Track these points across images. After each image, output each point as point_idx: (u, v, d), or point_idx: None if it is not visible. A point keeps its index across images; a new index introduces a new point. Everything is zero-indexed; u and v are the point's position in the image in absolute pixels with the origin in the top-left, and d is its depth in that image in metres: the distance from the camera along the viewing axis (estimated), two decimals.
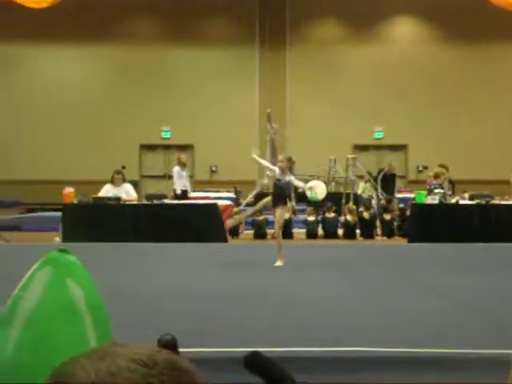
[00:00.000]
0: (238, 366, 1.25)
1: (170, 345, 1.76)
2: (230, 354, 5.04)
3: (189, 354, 3.04)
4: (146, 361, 1.15)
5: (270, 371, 1.53)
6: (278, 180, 10.77)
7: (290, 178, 10.72)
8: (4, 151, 26.24)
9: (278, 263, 10.73)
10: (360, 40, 27.32)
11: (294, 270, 10.43)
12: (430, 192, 15.64)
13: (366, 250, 13.84)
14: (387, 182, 19.82)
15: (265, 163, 11.61)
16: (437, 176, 16.40)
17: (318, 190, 18.07)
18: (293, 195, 18.41)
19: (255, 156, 11.11)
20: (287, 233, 17.01)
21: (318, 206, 18.00)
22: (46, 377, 3.04)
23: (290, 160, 10.92)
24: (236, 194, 22.34)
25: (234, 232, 17.10)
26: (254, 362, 1.52)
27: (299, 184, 10.82)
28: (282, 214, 11.01)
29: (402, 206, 17.99)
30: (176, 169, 18.71)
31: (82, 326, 3.02)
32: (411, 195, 19.28)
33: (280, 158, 11.07)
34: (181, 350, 1.83)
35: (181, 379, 1.16)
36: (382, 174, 19.93)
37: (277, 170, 10.72)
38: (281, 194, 10.86)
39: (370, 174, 19.69)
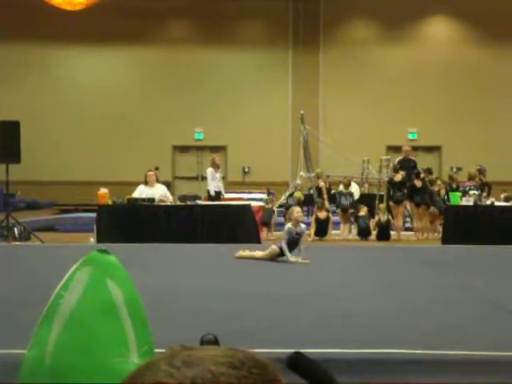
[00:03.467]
0: (280, 367, 1.26)
1: (212, 344, 1.77)
2: (271, 354, 5.04)
3: None
4: (233, 362, 1.14)
5: (313, 372, 1.53)
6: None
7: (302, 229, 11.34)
8: (39, 153, 26.45)
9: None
10: (393, 41, 27.21)
11: (329, 270, 10.42)
12: (465, 193, 15.54)
13: (400, 251, 13.77)
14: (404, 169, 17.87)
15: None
16: (471, 178, 16.30)
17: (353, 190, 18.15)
18: (325, 197, 18.40)
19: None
20: (323, 233, 17.12)
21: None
22: (85, 375, 3.06)
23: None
24: (269, 195, 22.34)
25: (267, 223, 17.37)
26: (297, 363, 1.53)
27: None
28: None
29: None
30: (210, 170, 18.77)
31: (122, 326, 3.04)
32: None
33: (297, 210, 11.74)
34: None
35: (267, 375, 1.16)
36: (397, 162, 18.84)
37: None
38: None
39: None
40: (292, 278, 9.60)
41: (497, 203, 15.78)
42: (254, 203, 16.98)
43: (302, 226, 11.44)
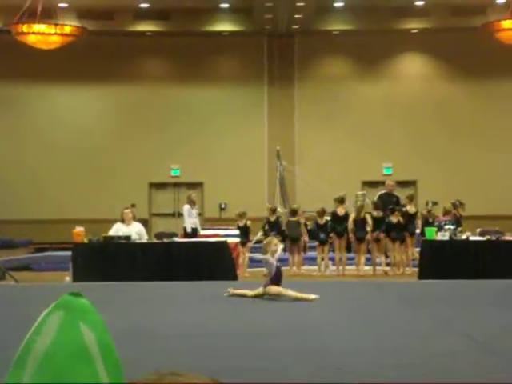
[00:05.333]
0: None
1: None
2: None
3: None
4: None
5: None
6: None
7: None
8: (14, 191, 26.35)
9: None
10: (368, 76, 27.48)
11: (305, 307, 10.40)
12: (441, 228, 15.63)
13: (376, 286, 13.79)
14: (386, 205, 17.96)
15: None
16: (447, 212, 16.40)
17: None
18: (304, 230, 18.37)
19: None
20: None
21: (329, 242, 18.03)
22: None
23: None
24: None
25: None
26: None
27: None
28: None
29: None
30: (186, 207, 18.79)
31: (94, 369, 3.02)
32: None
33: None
34: None
35: None
36: (378, 197, 19.07)
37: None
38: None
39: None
40: (266, 316, 9.57)
41: (472, 238, 15.86)
42: (230, 239, 16.97)
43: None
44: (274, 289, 10.89)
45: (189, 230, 18.44)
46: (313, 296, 10.68)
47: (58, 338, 2.99)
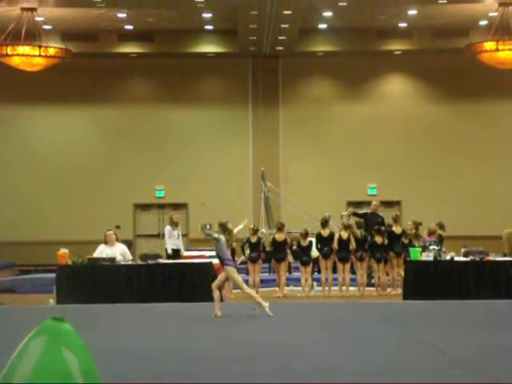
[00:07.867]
0: None
1: None
2: None
3: None
4: None
5: None
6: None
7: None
8: None
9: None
10: (352, 97, 27.61)
11: (289, 328, 10.39)
12: (425, 249, 15.65)
13: (361, 307, 13.80)
14: (371, 225, 18.11)
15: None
16: (431, 233, 16.43)
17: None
18: (289, 251, 18.34)
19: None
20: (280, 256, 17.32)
21: (314, 262, 18.01)
22: None
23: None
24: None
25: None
26: None
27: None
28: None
29: None
30: (167, 228, 18.76)
31: None
32: None
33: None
34: None
35: None
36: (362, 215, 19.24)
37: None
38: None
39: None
40: (250, 336, 9.55)
41: (456, 258, 15.89)
42: (215, 260, 16.91)
43: None
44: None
45: (169, 251, 18.34)
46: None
47: (41, 363, 2.99)
